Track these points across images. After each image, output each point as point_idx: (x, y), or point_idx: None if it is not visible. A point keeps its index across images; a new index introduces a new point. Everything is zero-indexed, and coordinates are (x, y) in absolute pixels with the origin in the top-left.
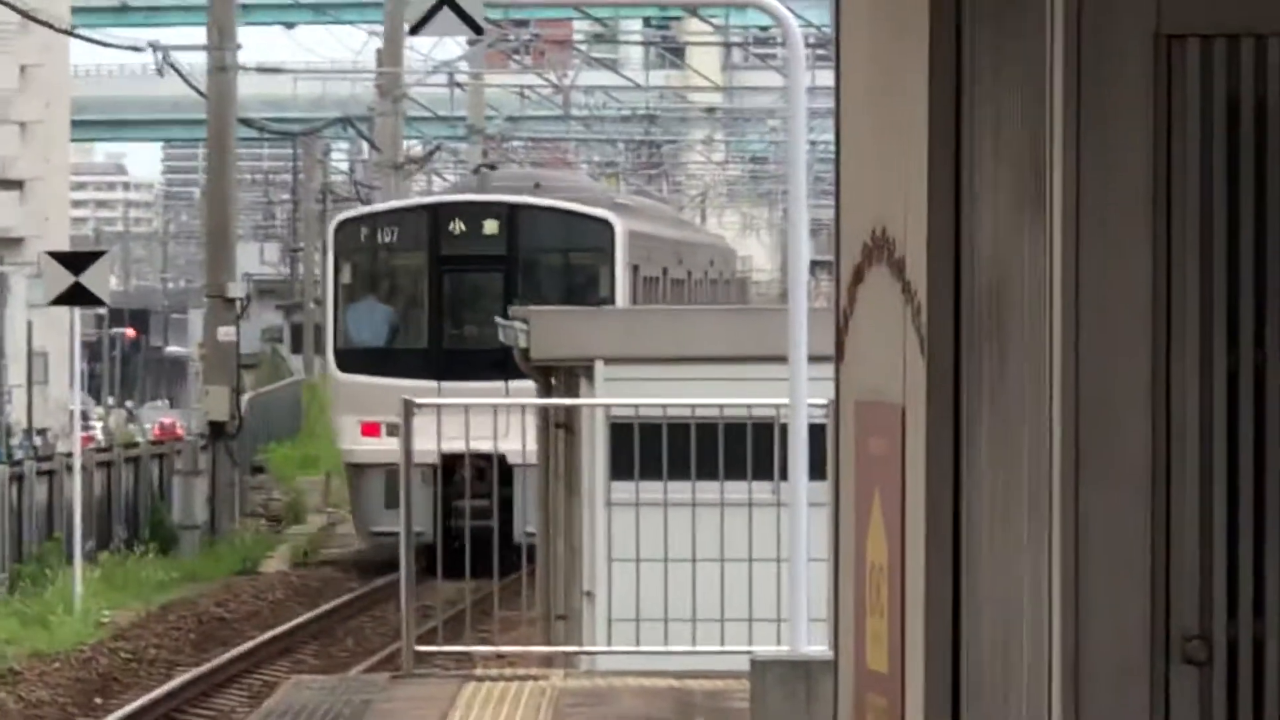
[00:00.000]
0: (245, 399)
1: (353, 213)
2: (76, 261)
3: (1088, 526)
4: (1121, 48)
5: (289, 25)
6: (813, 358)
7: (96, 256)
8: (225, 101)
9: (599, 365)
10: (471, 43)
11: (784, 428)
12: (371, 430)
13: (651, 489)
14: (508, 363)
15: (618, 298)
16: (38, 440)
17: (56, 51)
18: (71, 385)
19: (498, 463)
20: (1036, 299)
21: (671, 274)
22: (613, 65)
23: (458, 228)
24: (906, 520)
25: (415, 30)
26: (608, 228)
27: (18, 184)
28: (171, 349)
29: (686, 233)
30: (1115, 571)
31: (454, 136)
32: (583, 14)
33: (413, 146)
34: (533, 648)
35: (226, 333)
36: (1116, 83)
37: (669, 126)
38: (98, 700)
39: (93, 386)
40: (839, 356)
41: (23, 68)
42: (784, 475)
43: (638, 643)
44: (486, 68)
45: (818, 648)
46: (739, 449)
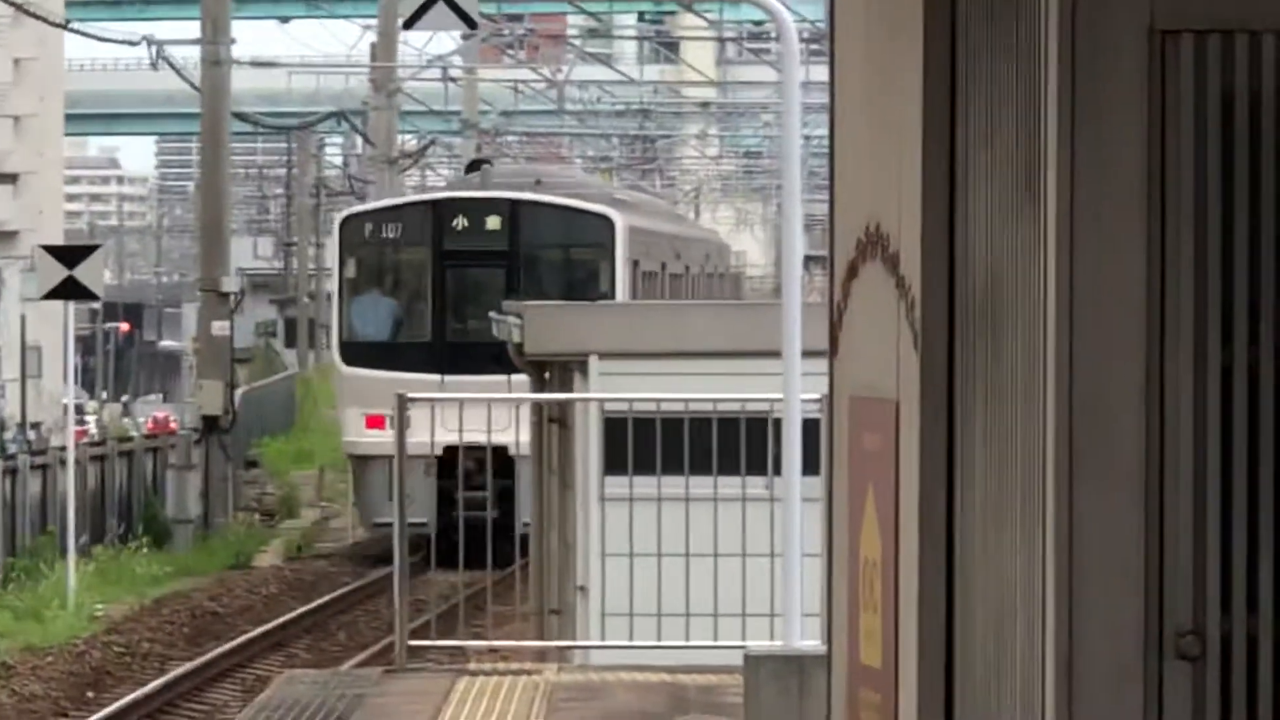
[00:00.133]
0: (239, 393)
1: (358, 208)
2: (70, 255)
3: (1081, 521)
4: (1116, 43)
5: (283, 19)
6: (807, 353)
7: (90, 250)
8: (219, 95)
9: (593, 360)
10: (465, 37)
11: (778, 423)
12: (376, 422)
13: (645, 484)
14: (509, 356)
15: (618, 292)
16: (31, 434)
17: (50, 45)
18: (65, 379)
19: (500, 454)
20: (1030, 294)
21: (670, 269)
22: (607, 60)
23: (461, 223)
24: (900, 516)
25: (409, 24)
26: (608, 223)
27: (11, 178)
28: (165, 343)
29: (683, 228)
30: (1109, 566)
31: (448, 131)
32: (577, 8)
33: (407, 141)
34: (526, 642)
35: (220, 327)
36: (1111, 78)
37: (663, 121)
38: (90, 694)
39: (86, 381)
40: (833, 352)
41: (16, 61)
42: (778, 470)
43: (631, 637)
44: (480, 62)
45: (811, 643)
46: (733, 444)
